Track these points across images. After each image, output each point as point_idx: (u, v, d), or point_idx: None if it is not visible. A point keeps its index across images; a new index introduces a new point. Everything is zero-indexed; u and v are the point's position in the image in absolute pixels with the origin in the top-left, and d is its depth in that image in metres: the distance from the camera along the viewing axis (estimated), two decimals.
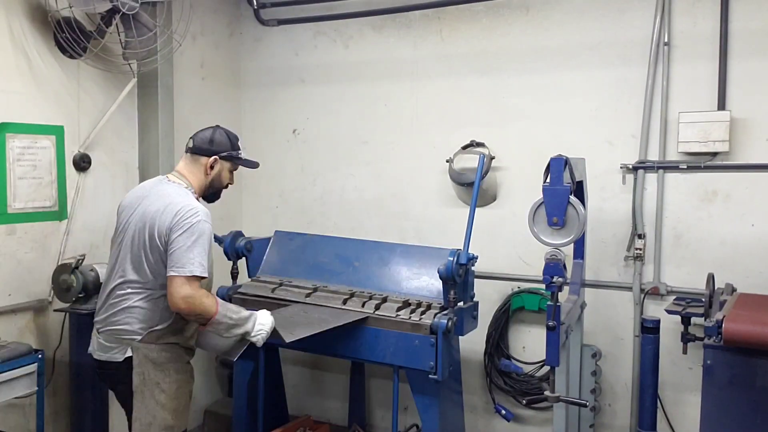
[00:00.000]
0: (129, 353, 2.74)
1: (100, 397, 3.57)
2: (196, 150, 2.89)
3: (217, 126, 2.98)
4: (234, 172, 3.02)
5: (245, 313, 2.85)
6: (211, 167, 2.89)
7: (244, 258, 3.86)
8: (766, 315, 2.74)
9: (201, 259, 2.65)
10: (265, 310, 2.95)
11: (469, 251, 3.27)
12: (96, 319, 2.88)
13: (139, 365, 2.73)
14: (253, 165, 3.10)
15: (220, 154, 2.89)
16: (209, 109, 4.56)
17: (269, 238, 4.03)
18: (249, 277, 3.91)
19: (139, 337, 2.74)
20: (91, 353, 2.88)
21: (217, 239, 3.74)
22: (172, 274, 2.62)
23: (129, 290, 2.76)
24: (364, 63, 4.43)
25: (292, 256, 3.93)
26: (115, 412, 3.87)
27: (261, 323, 2.86)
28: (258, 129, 4.81)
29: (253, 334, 2.83)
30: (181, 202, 2.72)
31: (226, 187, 3.02)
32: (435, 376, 3.17)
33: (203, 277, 2.66)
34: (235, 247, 3.80)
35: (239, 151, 2.97)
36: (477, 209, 3.33)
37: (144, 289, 2.75)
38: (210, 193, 2.98)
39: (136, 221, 2.78)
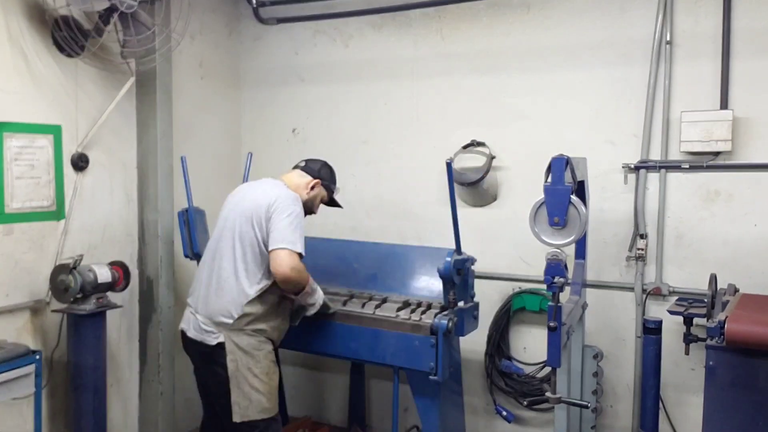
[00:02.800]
0: (222, 339, 2.99)
1: (98, 397, 3.55)
2: (307, 169, 3.31)
3: (326, 162, 3.41)
4: (322, 204, 3.40)
5: (315, 285, 3.25)
6: (312, 188, 3.27)
7: None
8: None
9: (302, 241, 3.02)
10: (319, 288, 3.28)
11: (468, 253, 3.27)
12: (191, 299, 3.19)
13: (231, 352, 2.97)
14: (338, 205, 3.52)
15: (323, 180, 3.32)
16: (208, 109, 4.55)
17: None
18: None
19: (231, 321, 2.99)
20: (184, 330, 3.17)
21: None
22: (282, 246, 2.92)
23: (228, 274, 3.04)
24: (364, 62, 4.42)
25: None
26: (114, 412, 3.87)
27: (319, 296, 3.27)
28: (257, 128, 4.79)
29: (314, 306, 3.23)
30: (281, 192, 3.09)
31: (312, 213, 3.35)
32: (435, 377, 3.16)
33: (302, 256, 3.01)
34: None
35: (336, 187, 3.43)
36: (478, 209, 3.32)
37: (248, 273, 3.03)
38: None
39: (240, 211, 3.08)
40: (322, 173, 3.33)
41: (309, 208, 3.30)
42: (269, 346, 3.10)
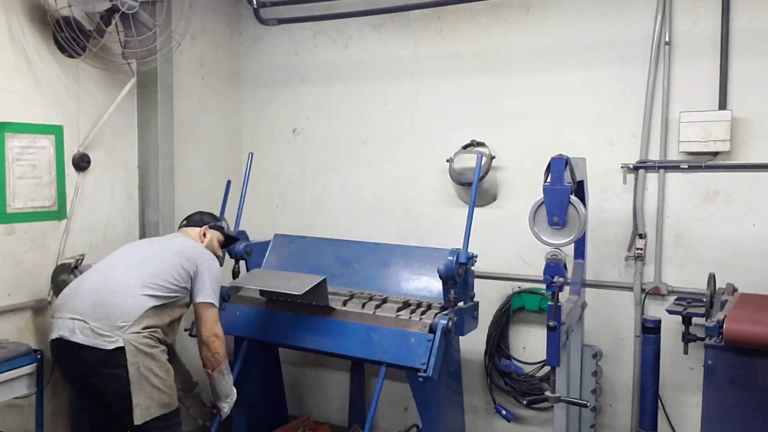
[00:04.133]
0: (120, 343, 2.89)
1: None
2: (191, 223, 3.47)
3: (200, 210, 3.57)
4: (221, 245, 3.51)
5: (231, 381, 3.31)
6: (204, 235, 3.41)
7: (243, 261, 3.86)
8: (767, 315, 2.74)
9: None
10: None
11: (470, 251, 3.27)
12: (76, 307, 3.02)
13: (133, 355, 2.90)
14: (235, 238, 3.72)
15: (209, 224, 3.46)
16: (209, 109, 4.56)
17: (268, 242, 4.03)
18: None
19: (129, 324, 2.92)
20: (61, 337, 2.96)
21: None
22: (206, 300, 3.12)
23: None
24: (363, 62, 4.43)
25: (292, 258, 3.93)
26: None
27: (233, 393, 3.31)
28: (258, 128, 4.80)
29: (226, 403, 3.27)
30: (201, 247, 3.30)
31: (217, 256, 3.40)
32: (425, 374, 3.11)
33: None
34: (234, 250, 3.80)
35: (223, 222, 3.62)
36: (477, 209, 3.33)
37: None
38: None
39: (165, 245, 3.25)
40: (205, 219, 3.50)
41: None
42: (163, 345, 3.07)
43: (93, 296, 2.97)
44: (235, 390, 3.30)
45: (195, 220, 3.48)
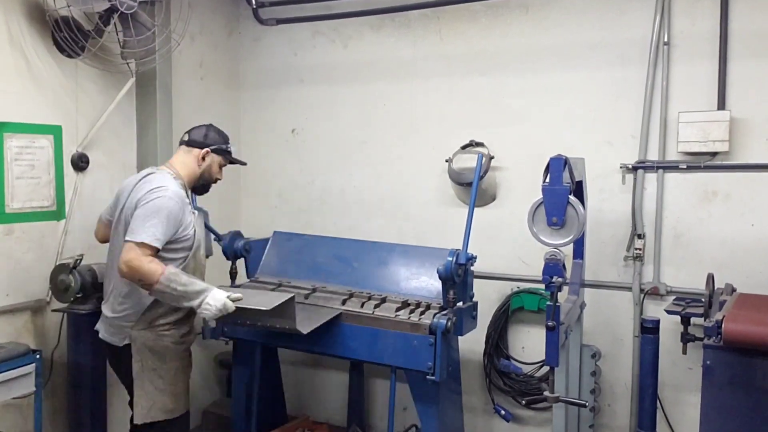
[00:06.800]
0: (128, 340, 2.95)
1: (98, 397, 3.56)
2: (191, 142, 3.14)
3: (210, 124, 3.25)
4: (223, 168, 3.25)
5: (197, 287, 2.79)
6: (203, 159, 3.13)
7: (243, 258, 3.85)
8: (765, 315, 2.74)
9: (155, 230, 2.76)
10: (219, 290, 2.85)
11: (469, 251, 3.27)
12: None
13: (138, 353, 2.93)
14: (241, 162, 3.42)
15: (211, 147, 3.15)
16: (208, 109, 4.55)
17: (268, 239, 4.02)
18: (248, 277, 3.90)
19: (133, 323, 2.94)
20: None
21: (216, 237, 3.75)
22: (125, 239, 2.77)
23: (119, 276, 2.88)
24: (363, 63, 4.43)
25: (291, 256, 3.92)
26: (114, 412, 3.88)
27: (209, 303, 2.78)
28: (257, 129, 4.80)
29: (198, 311, 2.81)
30: (155, 183, 2.91)
31: (215, 181, 3.25)
32: (433, 377, 3.15)
33: (154, 247, 2.75)
34: (233, 247, 3.80)
35: (229, 145, 3.25)
36: (476, 209, 3.33)
37: None
38: (200, 185, 3.22)
39: (125, 210, 2.97)
40: (209, 139, 3.15)
41: (208, 179, 3.19)
42: (182, 345, 3.04)
43: (108, 295, 3.08)
44: (203, 297, 2.78)
45: (196, 140, 3.13)
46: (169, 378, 2.96)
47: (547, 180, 2.80)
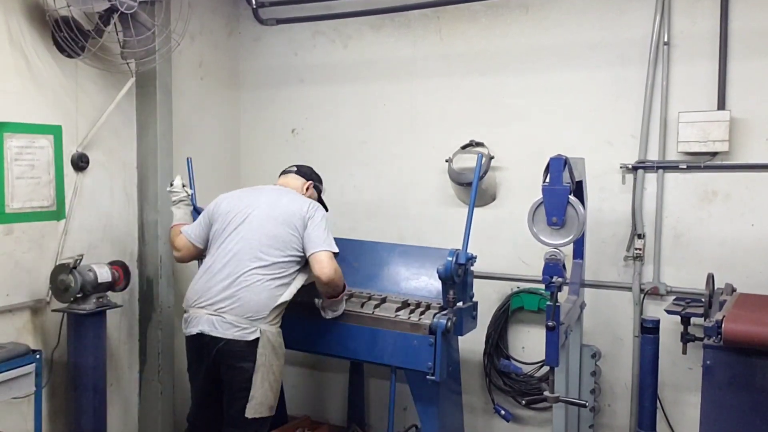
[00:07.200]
0: (257, 334, 3.06)
1: (98, 397, 3.56)
2: (300, 173, 3.57)
3: (311, 167, 3.67)
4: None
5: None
6: (307, 189, 3.52)
7: None
8: (765, 315, 2.74)
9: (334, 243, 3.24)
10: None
11: (468, 251, 3.27)
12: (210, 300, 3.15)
13: (263, 346, 3.06)
14: (325, 206, 3.56)
15: (315, 182, 3.59)
16: (208, 109, 4.55)
17: None
18: None
19: (265, 316, 3.09)
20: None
21: None
22: (323, 248, 3.14)
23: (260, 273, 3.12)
24: (363, 63, 4.43)
25: None
26: (114, 411, 3.88)
27: (343, 306, 3.41)
28: (257, 129, 4.80)
29: (339, 312, 3.39)
30: (305, 200, 3.34)
31: None
32: (433, 377, 3.16)
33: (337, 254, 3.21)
34: None
35: (323, 188, 3.68)
36: (476, 209, 3.33)
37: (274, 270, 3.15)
38: None
39: (266, 216, 3.22)
40: (314, 176, 3.60)
41: None
42: (283, 344, 3.23)
43: (226, 290, 3.11)
44: (343, 308, 3.39)
45: (305, 172, 3.58)
46: (277, 375, 3.12)
47: (547, 180, 2.80)
